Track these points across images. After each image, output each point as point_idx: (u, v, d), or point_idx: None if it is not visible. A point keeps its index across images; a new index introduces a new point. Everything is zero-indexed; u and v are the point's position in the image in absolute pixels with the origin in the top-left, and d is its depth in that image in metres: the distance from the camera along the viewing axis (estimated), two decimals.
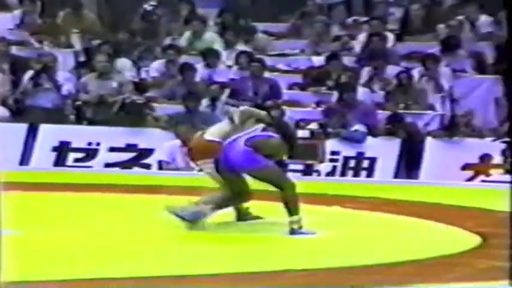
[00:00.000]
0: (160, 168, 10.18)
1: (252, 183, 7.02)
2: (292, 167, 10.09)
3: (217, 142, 6.96)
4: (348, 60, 12.29)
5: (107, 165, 10.83)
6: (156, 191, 8.62)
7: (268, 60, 12.28)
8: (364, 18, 13.09)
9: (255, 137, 6.96)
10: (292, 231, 6.64)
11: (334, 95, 11.45)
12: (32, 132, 10.96)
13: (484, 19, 12.66)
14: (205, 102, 11.48)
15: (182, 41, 12.87)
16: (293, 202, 6.73)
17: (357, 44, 12.63)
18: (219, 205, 6.93)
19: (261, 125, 7.20)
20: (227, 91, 11.76)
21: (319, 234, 6.61)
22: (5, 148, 10.68)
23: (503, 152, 10.00)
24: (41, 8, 13.31)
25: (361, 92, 11.54)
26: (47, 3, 13.36)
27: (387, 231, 7.00)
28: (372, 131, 10.77)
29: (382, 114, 11.04)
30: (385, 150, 10.44)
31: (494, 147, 10.25)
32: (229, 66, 12.45)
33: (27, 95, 11.52)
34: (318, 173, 10.39)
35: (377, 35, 12.37)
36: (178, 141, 10.09)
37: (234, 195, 6.93)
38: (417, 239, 6.63)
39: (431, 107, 11.42)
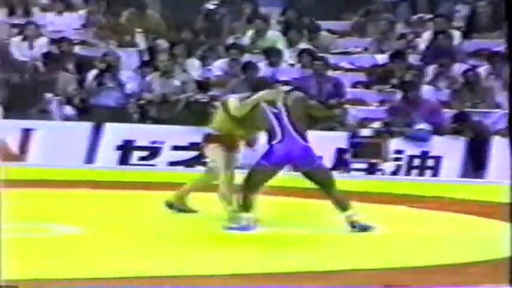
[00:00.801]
0: None
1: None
2: (355, 165, 10.02)
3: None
4: (412, 59, 12.15)
5: (171, 163, 10.87)
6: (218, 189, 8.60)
7: (332, 59, 12.21)
8: (429, 16, 12.93)
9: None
10: (353, 225, 6.53)
11: (398, 94, 11.33)
12: (96, 131, 11.07)
13: None
14: None
15: (245, 40, 12.87)
16: (344, 197, 6.60)
17: (422, 42, 12.48)
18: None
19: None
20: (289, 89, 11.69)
21: (382, 230, 6.54)
22: (72, 146, 10.82)
23: None
24: (105, 7, 13.46)
25: (426, 90, 11.39)
26: (112, 3, 13.50)
27: (454, 230, 6.89)
28: (438, 130, 10.62)
29: (448, 113, 10.88)
30: (450, 149, 10.29)
31: None
32: (292, 65, 12.41)
33: (91, 94, 11.64)
34: (382, 172, 10.28)
35: (442, 32, 12.21)
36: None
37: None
38: (484, 239, 6.51)
39: (498, 106, 11.21)
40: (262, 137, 7.26)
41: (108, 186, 8.90)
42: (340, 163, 10.26)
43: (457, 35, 12.41)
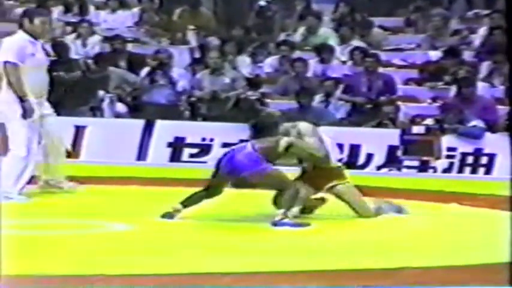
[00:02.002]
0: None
1: None
2: (407, 163, 9.91)
3: None
4: (466, 55, 11.98)
5: None
6: None
7: (384, 55, 12.11)
8: (486, 12, 12.74)
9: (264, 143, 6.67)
10: (274, 223, 6.48)
11: (452, 90, 11.18)
12: (148, 128, 11.14)
13: None
14: (318, 98, 11.41)
15: (296, 37, 12.84)
16: (289, 201, 6.51)
17: (477, 38, 12.30)
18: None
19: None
20: (341, 87, 11.64)
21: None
22: (123, 143, 10.91)
23: None
24: (158, 5, 13.55)
25: (481, 87, 11.22)
26: (165, 1, 13.59)
27: (506, 229, 6.75)
28: (491, 127, 10.45)
29: (503, 110, 10.69)
30: (504, 147, 10.10)
31: None
32: (344, 62, 12.34)
33: (143, 91, 11.72)
34: (434, 169, 10.15)
35: (498, 28, 12.01)
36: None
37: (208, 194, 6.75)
38: None
39: None
40: None
41: (159, 183, 8.93)
42: (392, 160, 10.16)
43: None
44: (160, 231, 6.54)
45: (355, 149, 10.52)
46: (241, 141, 11.10)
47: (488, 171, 10.08)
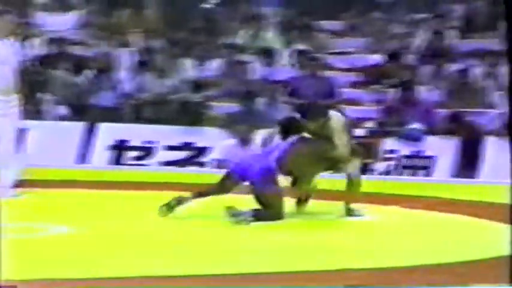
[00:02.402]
0: (218, 167, 10.19)
1: None
2: None
3: None
4: (408, 59, 12.16)
5: (164, 163, 10.89)
6: None
7: (328, 59, 12.22)
8: (426, 16, 12.93)
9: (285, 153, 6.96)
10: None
11: (393, 93, 11.34)
12: (90, 131, 11.09)
13: None
14: (263, 101, 11.48)
15: (241, 40, 12.89)
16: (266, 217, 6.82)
17: (418, 42, 12.49)
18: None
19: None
20: (285, 90, 11.73)
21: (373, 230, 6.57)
22: (65, 146, 10.84)
23: None
24: (103, 7, 13.48)
25: (422, 91, 11.40)
26: (109, 3, 13.53)
27: (444, 230, 6.89)
28: (431, 130, 10.63)
29: (442, 113, 10.88)
30: (443, 149, 10.29)
31: None
32: (288, 65, 12.43)
33: (87, 93, 11.66)
34: (375, 171, 10.28)
35: (439, 32, 12.22)
36: (235, 140, 10.09)
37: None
38: (475, 239, 6.51)
39: (493, 106, 11.22)
40: None
41: (101, 187, 8.91)
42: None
43: (453, 35, 12.42)
44: (103, 234, 6.53)
45: None
46: (185, 144, 11.20)
47: (427, 173, 10.24)
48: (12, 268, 5.24)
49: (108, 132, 11.10)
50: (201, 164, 10.81)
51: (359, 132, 9.64)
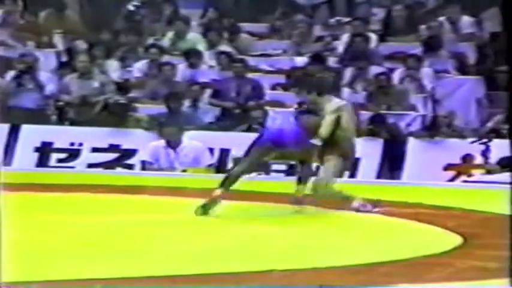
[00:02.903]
0: (143, 168, 10.16)
1: None
2: (275, 167, 10.12)
3: None
4: (330, 61, 12.33)
5: (90, 165, 10.81)
6: (139, 191, 8.62)
7: (251, 61, 12.30)
8: (347, 19, 13.12)
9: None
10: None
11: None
12: (13, 133, 10.93)
13: (465, 20, 12.74)
14: (187, 102, 11.49)
15: (165, 41, 12.87)
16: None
17: (340, 45, 12.67)
18: None
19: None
20: (209, 91, 11.78)
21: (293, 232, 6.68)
22: None
23: (484, 153, 10.06)
24: (22, 7, 13.27)
25: (344, 93, 11.57)
26: (29, 3, 13.32)
27: (369, 231, 7.02)
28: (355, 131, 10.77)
29: (365, 115, 11.06)
30: (367, 151, 10.46)
31: (475, 148, 10.30)
32: (212, 67, 12.46)
33: (9, 95, 11.48)
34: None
35: (360, 35, 12.41)
36: (162, 142, 10.07)
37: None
38: (399, 239, 6.65)
39: (414, 108, 11.46)
40: None
41: (25, 189, 8.79)
42: (260, 165, 10.35)
43: (373, 38, 12.64)
44: (28, 237, 6.47)
45: (224, 153, 10.66)
46: (111, 146, 11.13)
47: (352, 175, 10.40)
48: None
49: (32, 134, 10.95)
50: (128, 166, 10.77)
51: None
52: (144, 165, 10.06)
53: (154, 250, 6.16)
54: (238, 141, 10.77)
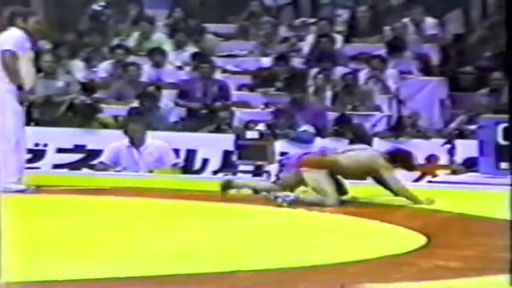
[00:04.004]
0: (102, 169, 9.92)
1: None
2: (242, 168, 10.15)
3: None
4: (296, 61, 12.39)
5: (55, 166, 10.75)
6: (105, 192, 8.59)
7: (217, 61, 12.32)
8: (312, 20, 13.19)
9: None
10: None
11: (283, 96, 11.53)
12: None
13: (429, 21, 12.87)
14: (153, 103, 11.47)
15: (130, 42, 12.85)
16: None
17: (305, 45, 12.74)
18: None
19: None
20: (175, 92, 11.78)
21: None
22: None
23: (449, 152, 10.16)
24: None
25: (310, 93, 11.64)
26: None
27: (333, 231, 7.07)
28: (321, 132, 10.86)
29: (331, 115, 11.13)
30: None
31: (440, 148, 10.40)
32: (179, 67, 12.47)
33: None
34: (268, 173, 10.44)
35: (325, 36, 12.49)
36: (125, 141, 9.98)
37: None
38: (364, 239, 6.70)
39: (378, 108, 11.56)
40: None
41: None
42: (227, 165, 10.38)
43: (339, 38, 12.72)
44: None
45: (191, 154, 10.67)
46: (76, 146, 11.07)
47: None
48: None
49: None
50: (93, 167, 10.72)
51: (251, 134, 9.77)
52: (103, 167, 9.89)
53: (121, 251, 6.16)
54: (205, 142, 10.80)
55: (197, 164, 10.67)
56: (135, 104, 11.28)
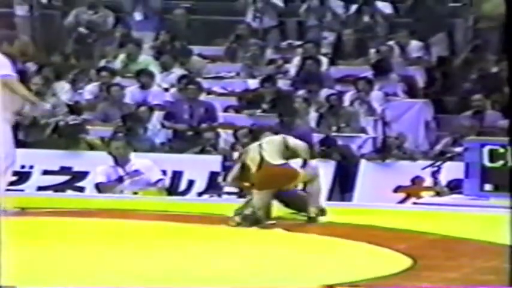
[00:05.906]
0: (99, 191, 9.94)
1: None
2: (227, 189, 10.15)
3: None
4: (282, 83, 12.43)
5: (40, 188, 10.71)
6: (90, 214, 8.57)
7: (204, 83, 12.35)
8: (298, 42, 13.26)
9: None
10: None
11: (270, 118, 11.55)
12: None
13: (414, 44, 12.96)
14: (139, 124, 11.47)
15: (117, 64, 12.87)
16: None
17: (292, 67, 12.79)
18: None
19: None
20: (162, 113, 11.79)
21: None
22: None
23: (433, 175, 10.20)
24: None
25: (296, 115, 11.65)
26: None
27: (320, 253, 7.07)
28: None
29: (316, 137, 11.15)
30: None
31: (425, 170, 10.43)
32: (166, 89, 12.49)
33: None
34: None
35: (311, 58, 12.55)
36: (109, 163, 9.95)
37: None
38: (350, 261, 6.71)
39: (363, 130, 11.60)
40: None
41: None
42: (213, 187, 10.38)
43: (324, 61, 12.78)
44: None
45: (177, 175, 10.66)
46: (62, 168, 11.04)
47: None
48: None
49: None
50: (79, 189, 10.70)
51: (237, 155, 9.77)
52: (101, 187, 9.87)
53: (106, 272, 6.14)
54: (191, 163, 10.79)
55: (183, 185, 10.66)
56: (120, 124, 11.27)
